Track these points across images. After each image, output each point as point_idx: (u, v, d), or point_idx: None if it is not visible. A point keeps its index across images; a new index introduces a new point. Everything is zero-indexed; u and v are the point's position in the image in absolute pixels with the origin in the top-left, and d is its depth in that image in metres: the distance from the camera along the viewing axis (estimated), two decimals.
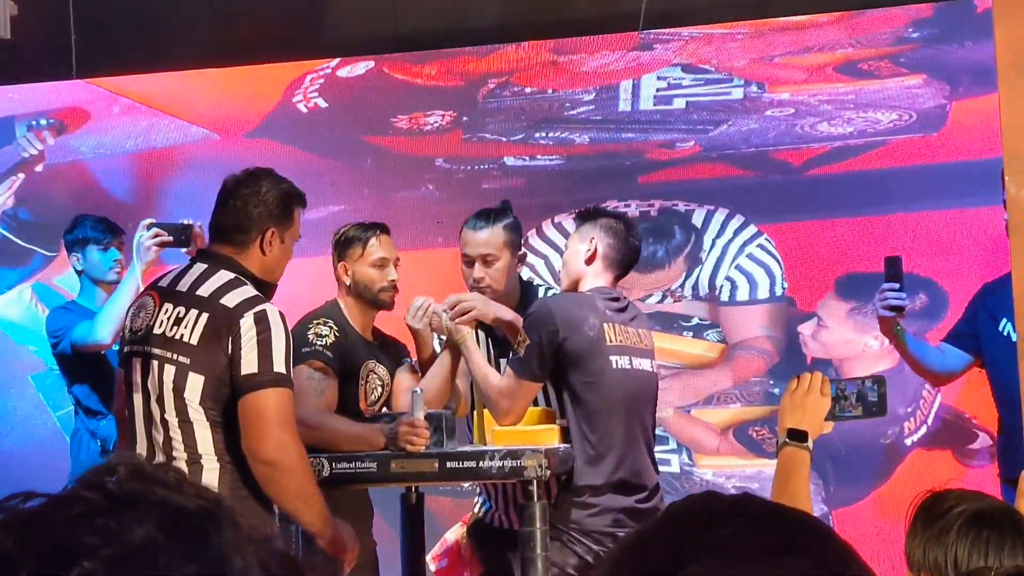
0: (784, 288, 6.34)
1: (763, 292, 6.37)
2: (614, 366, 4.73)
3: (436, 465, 4.50)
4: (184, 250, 5.69)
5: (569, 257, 4.92)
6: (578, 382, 4.70)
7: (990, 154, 5.88)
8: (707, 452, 6.36)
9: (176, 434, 4.05)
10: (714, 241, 6.43)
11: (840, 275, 6.25)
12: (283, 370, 3.99)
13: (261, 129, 6.90)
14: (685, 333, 6.29)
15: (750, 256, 6.40)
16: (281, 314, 4.06)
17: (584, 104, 6.65)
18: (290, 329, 4.12)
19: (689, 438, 6.37)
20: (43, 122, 7.08)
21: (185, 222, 5.65)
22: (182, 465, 4.01)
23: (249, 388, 3.96)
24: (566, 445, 4.73)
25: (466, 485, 5.38)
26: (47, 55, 6.94)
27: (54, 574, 1.10)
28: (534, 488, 4.43)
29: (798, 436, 3.15)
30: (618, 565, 1.13)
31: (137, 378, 4.11)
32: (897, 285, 4.90)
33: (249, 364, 3.97)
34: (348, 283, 5.02)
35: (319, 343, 4.79)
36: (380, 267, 5.02)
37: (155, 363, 4.07)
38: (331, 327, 4.87)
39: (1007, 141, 3.88)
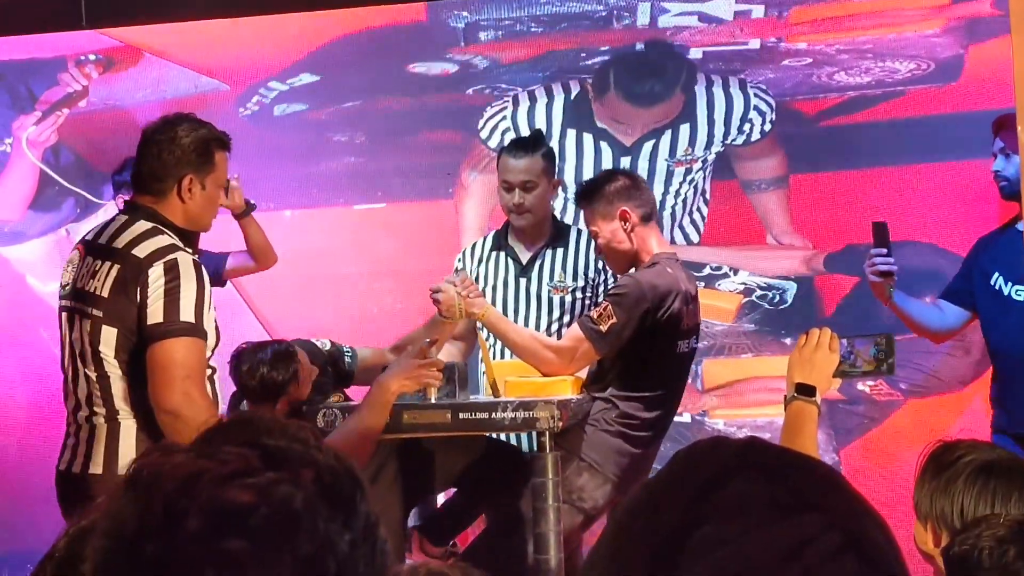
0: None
1: (767, 125, 6.40)
2: (677, 350, 4.85)
3: (448, 416, 4.48)
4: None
5: (610, 241, 4.91)
6: (636, 359, 4.76)
7: (1009, 103, 5.83)
8: (719, 402, 6.37)
9: (96, 389, 4.00)
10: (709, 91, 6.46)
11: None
12: (192, 319, 3.90)
13: (271, 80, 6.87)
14: (697, 283, 6.27)
15: (756, 95, 6.42)
16: (196, 263, 3.97)
17: (600, 55, 6.62)
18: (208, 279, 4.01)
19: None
20: (91, 57, 7.04)
21: None
22: (101, 422, 4.00)
23: (155, 338, 3.88)
24: (579, 396, 4.74)
25: None
26: (56, 5, 6.90)
27: (216, 530, 1.12)
28: (547, 439, 4.43)
29: (806, 391, 3.16)
30: (627, 527, 1.11)
31: (65, 333, 4.08)
32: (885, 250, 4.94)
33: (155, 314, 3.89)
34: (288, 407, 4.83)
35: None
36: (307, 380, 4.89)
37: (77, 318, 4.02)
38: None
39: (1019, 91, 3.85)
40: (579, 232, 5.33)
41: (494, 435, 4.94)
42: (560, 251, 5.26)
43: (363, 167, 6.71)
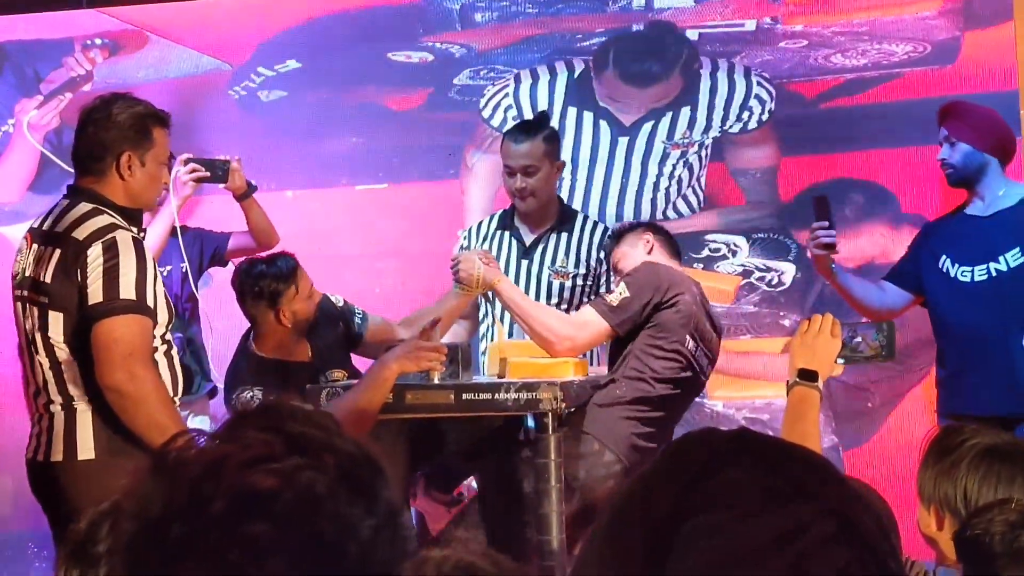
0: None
1: (765, 115, 6.41)
2: (686, 345, 4.78)
3: (452, 397, 4.47)
4: (222, 186, 5.68)
5: (627, 256, 4.93)
6: (650, 337, 4.74)
7: (1005, 87, 5.88)
8: (718, 384, 6.39)
9: (50, 377, 3.99)
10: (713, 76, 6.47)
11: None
12: (133, 297, 3.87)
13: (269, 60, 6.87)
14: (696, 265, 6.30)
15: (758, 83, 6.45)
16: (137, 241, 3.94)
17: (597, 35, 6.63)
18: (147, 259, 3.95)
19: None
20: (97, 42, 7.03)
21: (223, 157, 5.63)
22: (59, 410, 3.98)
23: (96, 317, 3.85)
24: (582, 377, 4.75)
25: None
26: None
27: (240, 514, 1.14)
28: (549, 420, 4.44)
29: (808, 376, 3.20)
30: (622, 516, 1.13)
31: (20, 323, 4.06)
32: (827, 223, 5.00)
33: (95, 294, 3.86)
34: (289, 323, 4.89)
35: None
36: (312, 297, 4.95)
37: (29, 306, 4.01)
38: (253, 392, 4.77)
39: (1023, 74, 3.88)
40: (585, 218, 5.35)
41: None
42: (564, 236, 5.28)
43: (365, 147, 6.72)
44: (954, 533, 2.10)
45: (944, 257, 5.05)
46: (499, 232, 5.33)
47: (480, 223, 5.46)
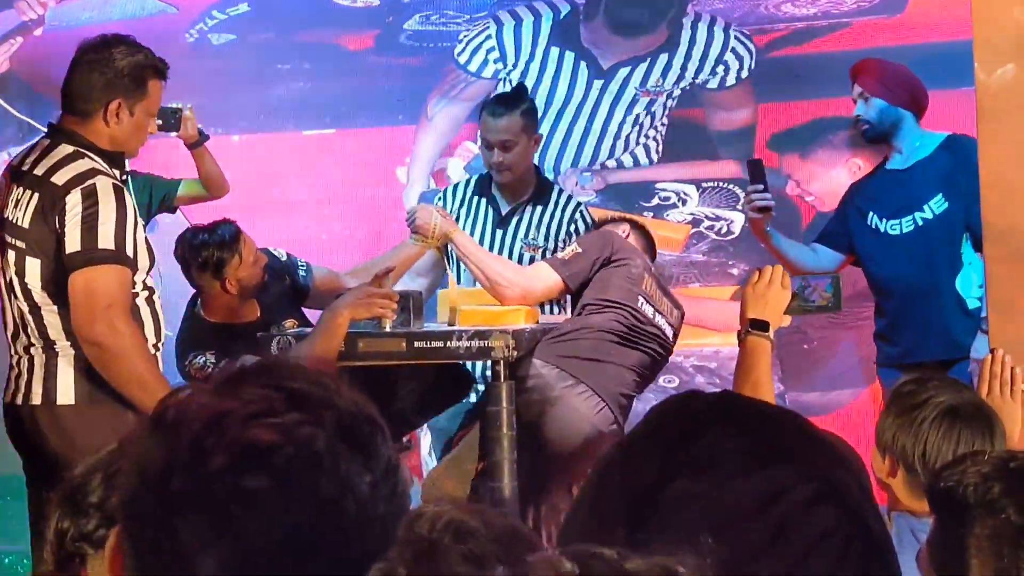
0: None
1: (744, 72, 6.41)
2: (638, 306, 4.78)
3: (404, 345, 4.47)
4: (174, 134, 5.62)
5: None
6: (595, 300, 4.75)
7: (952, 36, 5.90)
8: None
9: (29, 320, 3.93)
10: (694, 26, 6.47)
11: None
12: (111, 246, 3.79)
13: (214, 7, 6.81)
14: (646, 213, 6.31)
15: (736, 39, 6.44)
16: (117, 187, 3.85)
17: None
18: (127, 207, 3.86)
19: None
20: None
21: (175, 105, 5.57)
22: (39, 352, 3.93)
23: (74, 266, 3.78)
24: (533, 325, 4.76)
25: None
26: None
27: (241, 468, 1.15)
28: (501, 368, 4.45)
29: (760, 326, 3.24)
30: (604, 482, 1.14)
31: None
32: (761, 186, 5.07)
33: (72, 242, 3.78)
34: (235, 291, 4.90)
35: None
36: (257, 262, 4.94)
37: (7, 249, 3.94)
38: (205, 357, 4.78)
39: (977, 27, 3.89)
40: (560, 192, 5.37)
41: None
42: (539, 208, 5.28)
43: (312, 92, 6.68)
44: (926, 487, 2.12)
45: (871, 213, 5.15)
46: (476, 198, 5.32)
47: (456, 186, 5.44)
